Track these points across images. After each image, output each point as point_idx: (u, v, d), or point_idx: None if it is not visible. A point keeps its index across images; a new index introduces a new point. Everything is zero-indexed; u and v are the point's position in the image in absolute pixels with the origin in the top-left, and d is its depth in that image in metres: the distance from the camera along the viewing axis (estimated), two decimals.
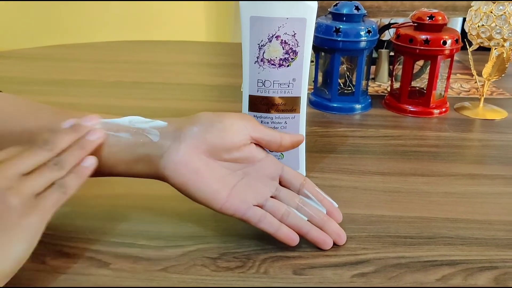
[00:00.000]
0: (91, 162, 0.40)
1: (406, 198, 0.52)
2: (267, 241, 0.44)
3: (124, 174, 0.43)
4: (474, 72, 0.78)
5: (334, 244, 0.44)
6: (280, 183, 0.46)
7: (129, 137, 0.42)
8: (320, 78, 0.81)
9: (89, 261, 0.41)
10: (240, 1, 0.49)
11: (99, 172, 0.42)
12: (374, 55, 0.90)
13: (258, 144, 0.45)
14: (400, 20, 0.97)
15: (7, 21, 1.98)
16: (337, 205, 0.46)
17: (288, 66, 0.51)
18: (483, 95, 0.78)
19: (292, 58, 0.50)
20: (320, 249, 0.43)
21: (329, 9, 0.75)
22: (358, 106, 0.77)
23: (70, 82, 0.90)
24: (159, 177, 0.43)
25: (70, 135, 0.40)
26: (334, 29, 0.72)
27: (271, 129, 0.46)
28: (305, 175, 0.54)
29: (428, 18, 0.73)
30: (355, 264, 0.42)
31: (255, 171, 0.44)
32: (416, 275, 0.40)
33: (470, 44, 0.77)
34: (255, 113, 0.53)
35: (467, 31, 0.75)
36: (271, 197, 0.44)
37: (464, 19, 1.23)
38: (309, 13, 0.49)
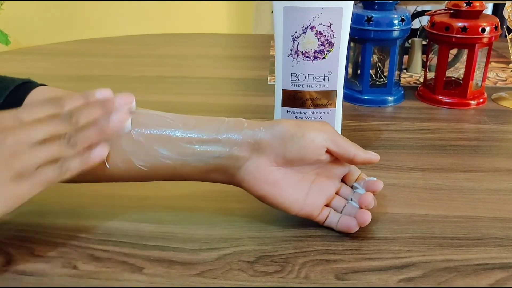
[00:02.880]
0: (100, 153, 0.38)
1: (449, 196, 0.50)
2: (304, 243, 0.42)
3: (198, 180, 0.44)
4: None
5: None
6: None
7: (205, 148, 0.42)
8: (349, 70, 0.78)
9: (122, 265, 0.39)
10: None
11: (173, 178, 0.43)
12: (406, 44, 0.87)
13: None
14: (427, 8, 0.93)
15: (28, 17, 1.99)
16: (375, 179, 0.46)
17: (323, 58, 0.48)
18: None
19: (327, 50, 0.48)
20: (362, 252, 0.41)
21: None
22: (390, 98, 0.74)
23: (94, 77, 0.88)
24: (235, 185, 0.44)
25: (96, 110, 0.38)
26: (366, 18, 0.69)
27: (348, 142, 0.44)
28: None
29: (465, 5, 0.70)
30: (401, 268, 0.39)
31: (326, 170, 0.45)
32: (467, 280, 0.38)
33: (510, 31, 0.73)
34: (289, 108, 0.50)
35: (506, 17, 0.71)
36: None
37: (495, 5, 1.18)
38: (346, 2, 0.47)
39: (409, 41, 0.87)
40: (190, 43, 1.14)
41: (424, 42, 0.86)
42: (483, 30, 0.68)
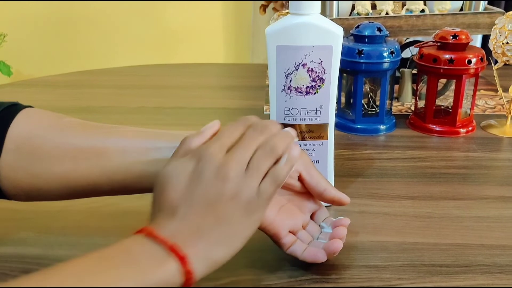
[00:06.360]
0: (298, 151, 0.39)
1: (438, 224, 0.52)
2: (299, 272, 0.44)
3: None
4: (500, 89, 0.77)
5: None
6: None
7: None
8: (342, 99, 0.80)
9: None
10: (266, 30, 0.49)
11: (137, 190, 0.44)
12: (397, 74, 0.90)
13: None
14: (419, 38, 0.96)
15: (30, 48, 2.03)
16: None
17: (315, 93, 0.51)
18: (510, 113, 0.77)
19: (319, 86, 0.50)
20: (353, 281, 0.43)
21: (351, 31, 0.75)
22: (382, 127, 0.77)
23: (94, 109, 0.91)
24: None
25: (274, 124, 0.40)
26: (357, 51, 0.72)
27: (321, 177, 0.46)
28: None
29: (451, 37, 0.73)
30: None
31: (297, 200, 0.46)
32: None
33: (495, 61, 0.76)
34: None
35: (491, 49, 0.74)
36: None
37: (483, 38, 1.22)
38: (335, 40, 0.49)
39: (400, 70, 0.90)
40: (188, 73, 1.17)
41: (414, 71, 0.89)
42: (469, 61, 0.71)
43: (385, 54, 0.72)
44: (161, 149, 0.44)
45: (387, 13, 0.90)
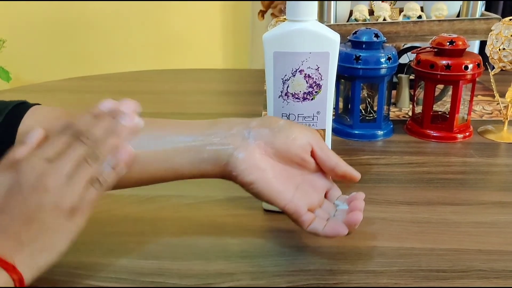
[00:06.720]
0: (126, 153, 0.40)
1: (435, 229, 0.52)
2: (296, 278, 0.44)
3: (188, 176, 0.44)
4: (496, 95, 0.77)
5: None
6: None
7: (197, 139, 0.44)
8: (340, 104, 0.81)
9: None
10: (263, 37, 0.50)
11: (165, 176, 0.44)
12: (394, 79, 0.90)
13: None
14: (416, 44, 0.97)
15: (28, 54, 2.03)
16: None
17: (312, 99, 0.51)
18: (507, 118, 0.77)
19: (316, 92, 0.51)
20: (351, 286, 0.43)
21: (348, 37, 0.75)
22: (380, 132, 0.77)
23: None
24: (225, 175, 0.44)
25: (106, 121, 0.41)
26: (354, 57, 0.73)
27: (332, 152, 0.47)
28: None
29: (448, 43, 0.73)
30: None
31: (311, 180, 0.47)
32: None
33: (492, 67, 0.76)
34: None
35: (488, 55, 0.75)
36: None
37: (481, 43, 1.23)
38: (332, 47, 0.50)
39: (397, 76, 0.90)
40: (186, 79, 1.17)
41: (411, 77, 0.89)
42: (466, 67, 0.72)
43: (383, 60, 0.73)
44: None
45: (384, 19, 0.91)
